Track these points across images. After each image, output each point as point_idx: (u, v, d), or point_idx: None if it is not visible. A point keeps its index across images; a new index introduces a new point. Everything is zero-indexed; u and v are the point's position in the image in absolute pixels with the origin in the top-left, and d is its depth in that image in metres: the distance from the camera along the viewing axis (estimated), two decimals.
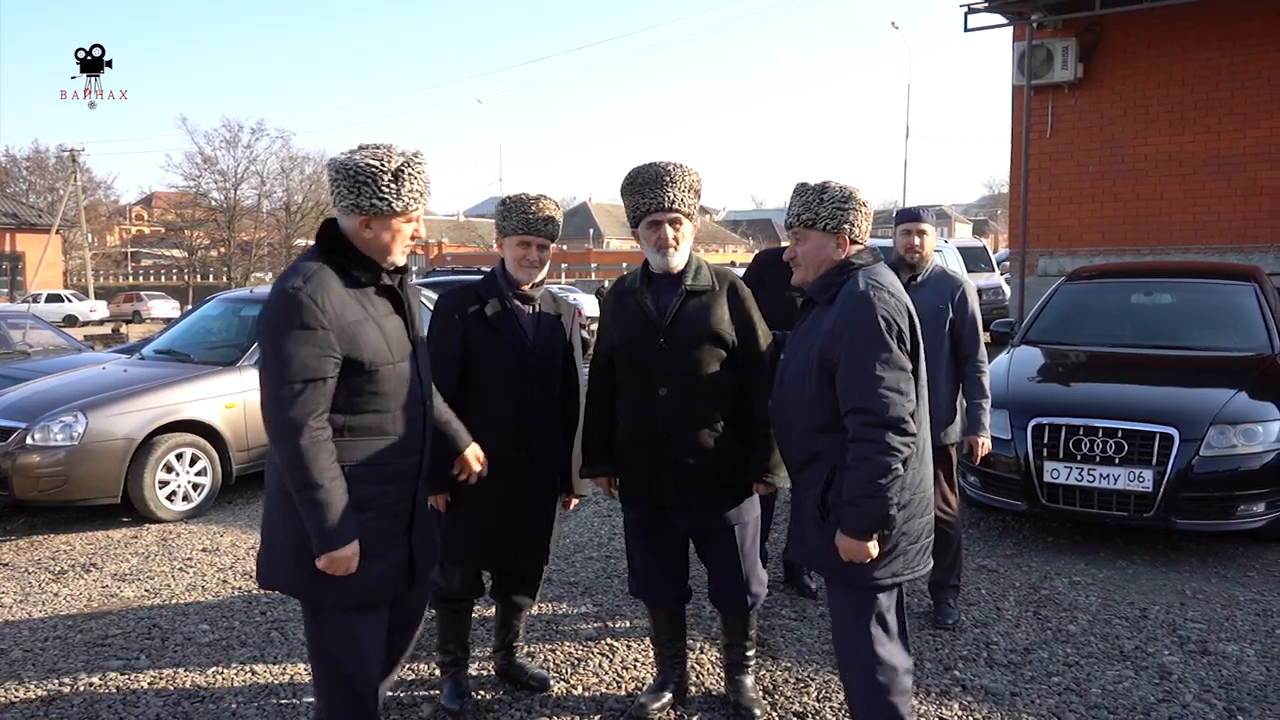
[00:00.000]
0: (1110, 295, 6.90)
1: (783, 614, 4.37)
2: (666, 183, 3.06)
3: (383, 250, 2.53)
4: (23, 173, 56.30)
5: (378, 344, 2.49)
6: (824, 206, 2.74)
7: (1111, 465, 5.03)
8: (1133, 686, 3.61)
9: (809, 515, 2.71)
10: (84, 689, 3.70)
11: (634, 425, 3.19)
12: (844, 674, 2.75)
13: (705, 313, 3.12)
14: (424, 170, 2.52)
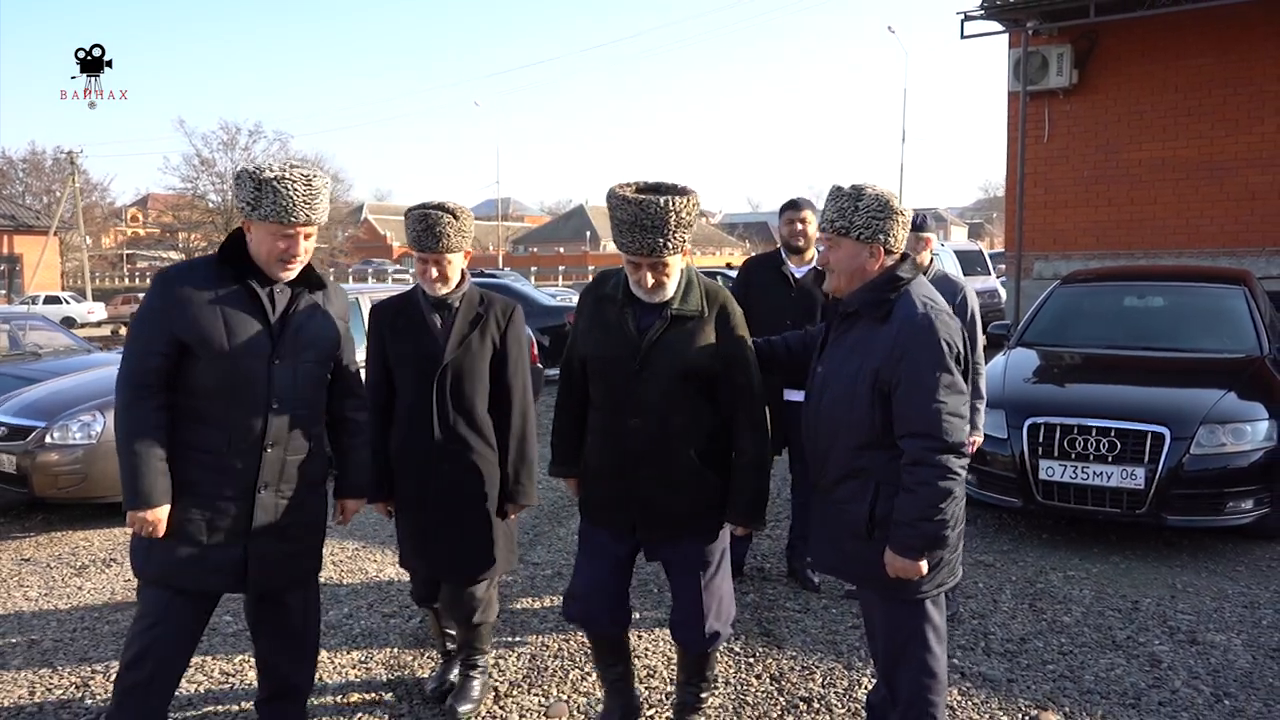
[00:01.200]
0: (1104, 298, 7.06)
1: (787, 606, 4.52)
2: (649, 229, 2.71)
3: (259, 255, 2.69)
4: (19, 174, 56.33)
5: (213, 334, 2.61)
6: (859, 215, 2.66)
7: (1105, 463, 5.18)
8: (1124, 674, 3.76)
9: (847, 528, 2.70)
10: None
11: (600, 449, 3.01)
12: (891, 673, 2.76)
13: (688, 341, 2.85)
14: (292, 188, 2.60)
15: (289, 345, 2.70)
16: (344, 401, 2.95)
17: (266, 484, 2.70)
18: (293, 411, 2.72)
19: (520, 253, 69.05)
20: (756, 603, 4.56)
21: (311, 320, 2.77)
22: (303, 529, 2.83)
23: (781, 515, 5.72)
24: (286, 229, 2.65)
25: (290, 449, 2.74)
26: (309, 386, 2.77)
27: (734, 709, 3.50)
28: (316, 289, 2.82)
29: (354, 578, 5.06)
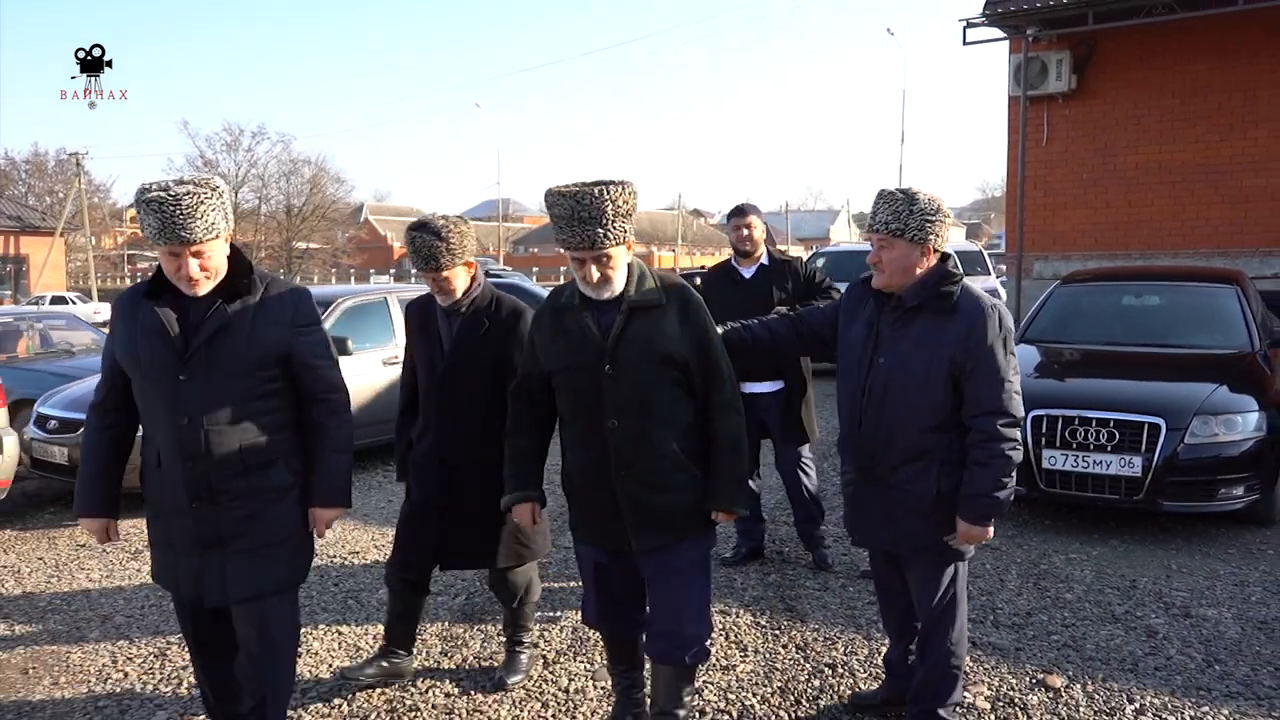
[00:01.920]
0: (1102, 297, 7.38)
1: (807, 585, 4.83)
2: (587, 220, 2.70)
3: (168, 275, 2.69)
4: (22, 175, 56.62)
5: (131, 354, 2.71)
6: (913, 218, 2.90)
7: (1104, 452, 5.49)
8: (1123, 643, 4.07)
9: (907, 506, 2.99)
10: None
11: (583, 461, 2.92)
12: (932, 627, 3.08)
13: (653, 331, 2.81)
14: (161, 209, 2.52)
15: (199, 359, 2.64)
16: (309, 407, 2.84)
17: (199, 497, 2.67)
18: (208, 426, 2.65)
19: (520, 253, 69.31)
20: (779, 582, 4.87)
21: (230, 331, 2.66)
22: (258, 540, 2.74)
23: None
24: (172, 248, 2.58)
25: (215, 463, 2.66)
26: (228, 399, 2.67)
27: (764, 674, 3.81)
28: (236, 298, 2.70)
29: None
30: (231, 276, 2.70)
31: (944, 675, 3.08)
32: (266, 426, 2.74)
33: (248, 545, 2.73)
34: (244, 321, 2.68)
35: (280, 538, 2.79)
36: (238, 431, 2.68)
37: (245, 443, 2.69)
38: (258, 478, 2.72)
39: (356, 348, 7.49)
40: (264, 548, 2.76)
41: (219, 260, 2.66)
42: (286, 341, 2.73)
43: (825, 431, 7.12)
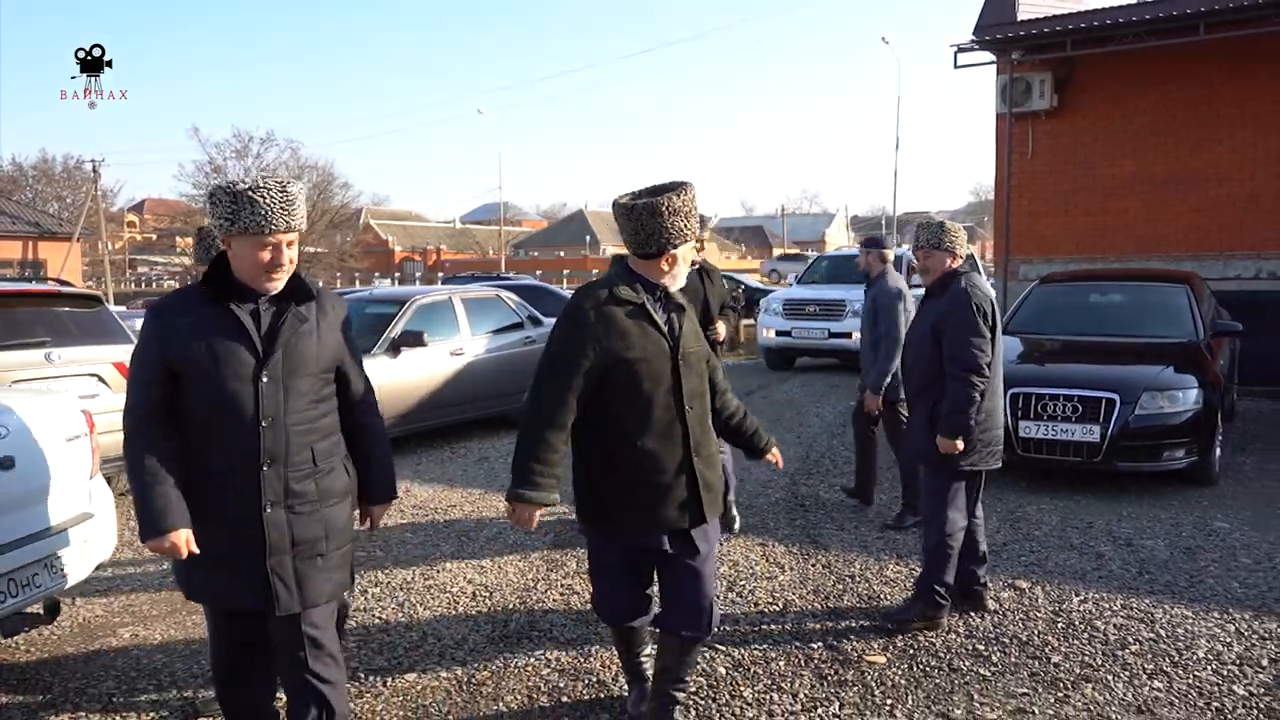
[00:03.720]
0: (1074, 295, 8.57)
1: (827, 526, 5.98)
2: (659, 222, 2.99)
3: (243, 270, 2.67)
4: (29, 181, 57.61)
5: (199, 359, 2.62)
6: (946, 238, 4.38)
7: (1070, 423, 6.65)
8: (1076, 562, 5.22)
9: (918, 428, 4.38)
10: None
11: (661, 449, 3.03)
12: (926, 527, 4.40)
13: (692, 325, 3.17)
14: (269, 196, 2.58)
15: (277, 362, 2.66)
16: (354, 408, 2.89)
17: (272, 502, 2.66)
18: (288, 428, 2.67)
19: (521, 256, 70.42)
20: (804, 524, 6.04)
21: (301, 334, 2.70)
22: (325, 545, 2.76)
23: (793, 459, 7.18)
24: (267, 238, 2.61)
25: (291, 466, 2.68)
26: (303, 401, 2.70)
27: (799, 581, 4.96)
28: (305, 300, 2.74)
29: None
30: (298, 281, 2.75)
31: (940, 558, 4.27)
32: (329, 429, 2.79)
33: (319, 549, 2.74)
34: (314, 326, 2.73)
35: (344, 541, 2.83)
36: (311, 434, 2.73)
37: (316, 445, 2.74)
38: (325, 480, 2.75)
39: (429, 340, 8.62)
40: (334, 551, 2.78)
41: (296, 255, 2.72)
42: (341, 344, 2.82)
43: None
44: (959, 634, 4.24)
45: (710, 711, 3.55)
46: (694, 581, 3.13)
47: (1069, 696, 3.62)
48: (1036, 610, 4.52)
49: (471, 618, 4.58)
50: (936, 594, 4.28)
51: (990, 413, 4.34)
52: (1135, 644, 4.10)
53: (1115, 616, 4.41)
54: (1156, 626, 4.29)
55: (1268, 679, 3.75)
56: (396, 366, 8.34)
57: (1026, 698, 3.62)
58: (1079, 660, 3.95)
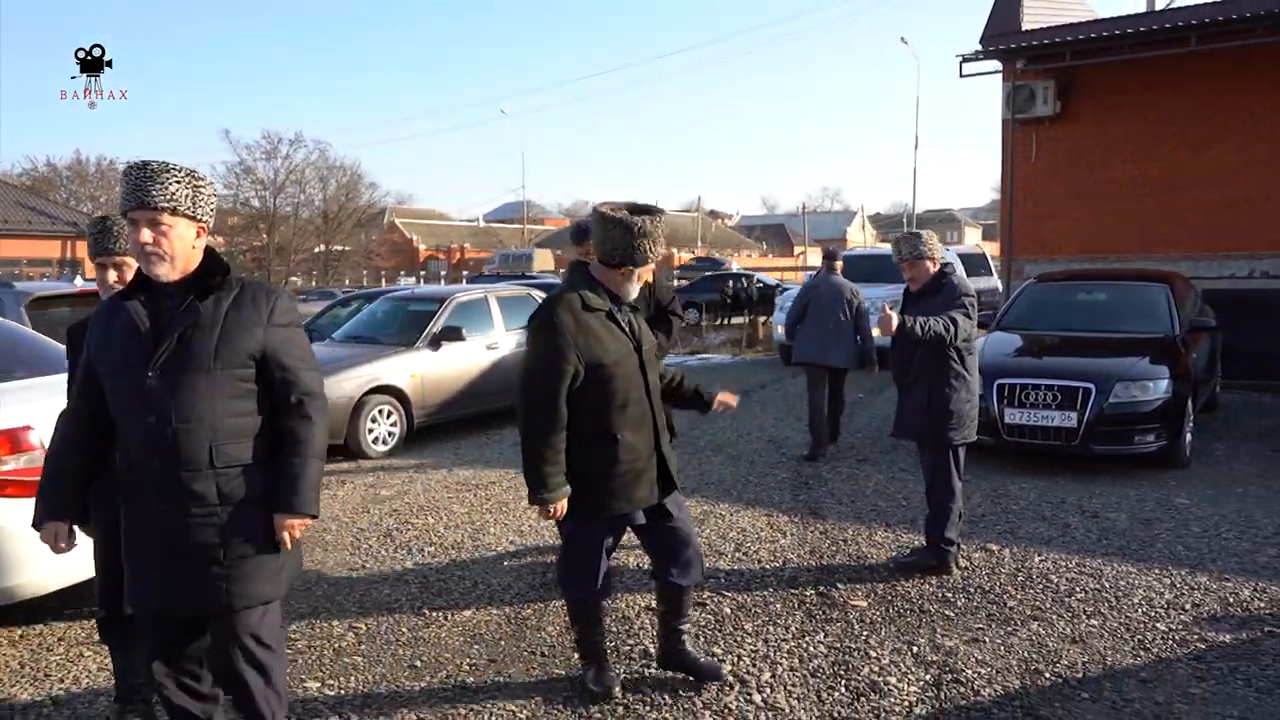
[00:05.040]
0: (1062, 294, 9.25)
1: (827, 500, 6.70)
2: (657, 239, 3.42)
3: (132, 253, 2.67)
4: (63, 181, 59.04)
5: (102, 354, 2.70)
6: (924, 246, 5.10)
7: (1050, 410, 7.33)
8: (1044, 530, 5.92)
9: (913, 411, 5.12)
10: (399, 544, 6.08)
11: (640, 437, 3.45)
12: (929, 493, 5.15)
13: (644, 324, 3.61)
14: (131, 173, 2.58)
15: (166, 357, 2.57)
16: (281, 410, 2.72)
17: (161, 501, 2.59)
18: (177, 425, 2.56)
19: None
20: (806, 499, 6.77)
21: (198, 327, 2.59)
22: (235, 551, 2.64)
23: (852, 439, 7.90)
24: (131, 215, 2.58)
25: (183, 465, 2.57)
26: (198, 399, 2.58)
27: (798, 544, 5.69)
28: (209, 293, 2.64)
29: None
30: (204, 274, 2.66)
31: (943, 516, 5.05)
32: (238, 431, 2.64)
33: (217, 555, 2.62)
34: (216, 318, 2.61)
35: (250, 551, 2.66)
36: (211, 433, 2.60)
37: (218, 445, 2.61)
38: (230, 484, 2.62)
39: (467, 335, 9.41)
40: (235, 559, 2.64)
41: (180, 243, 2.61)
42: (260, 340, 2.66)
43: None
44: (931, 584, 4.96)
45: (716, 640, 4.29)
46: (681, 539, 3.63)
47: (1016, 630, 4.34)
48: (1001, 567, 5.23)
49: (515, 570, 5.34)
50: (944, 548, 5.08)
51: (972, 393, 5.12)
52: (1081, 592, 4.80)
53: (1069, 572, 5.12)
54: (1103, 579, 4.99)
55: (1187, 619, 4.45)
56: (437, 359, 9.15)
57: (981, 630, 4.34)
58: (1031, 605, 4.66)
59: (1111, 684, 3.79)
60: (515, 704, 3.70)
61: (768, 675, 3.90)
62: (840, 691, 3.76)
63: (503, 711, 3.64)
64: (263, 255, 52.84)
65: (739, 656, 4.09)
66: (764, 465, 7.86)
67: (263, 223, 51.84)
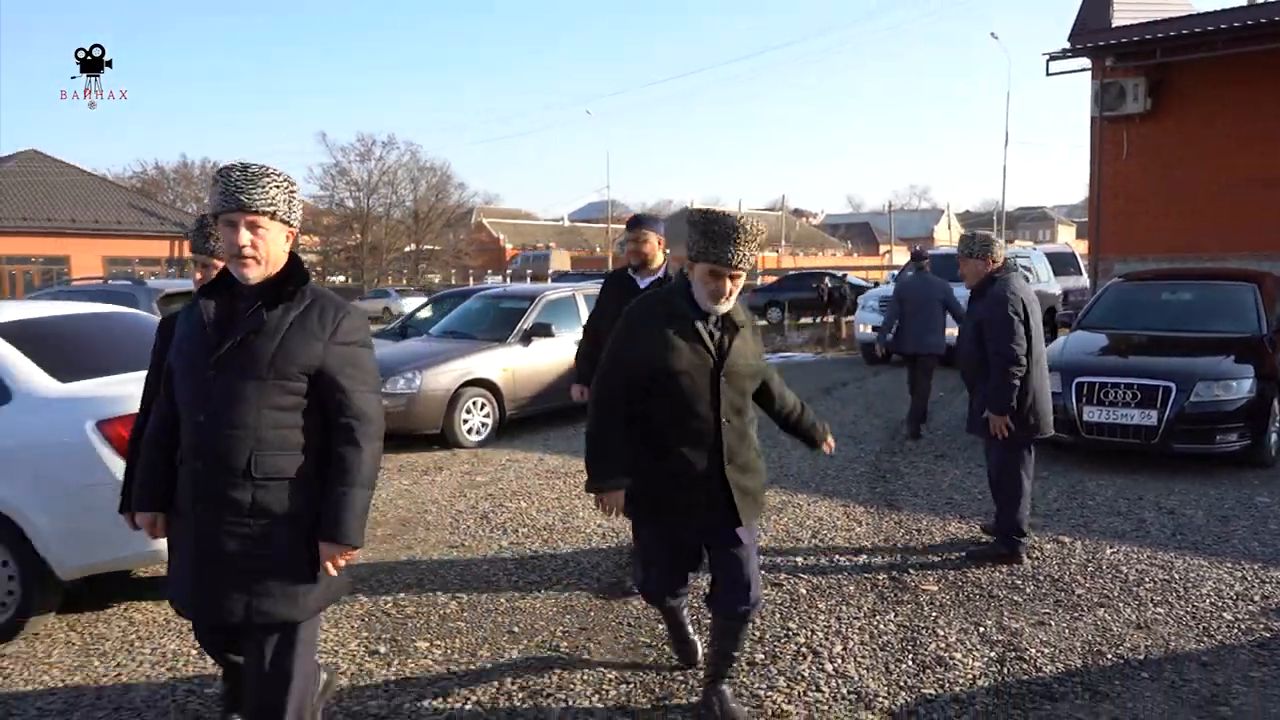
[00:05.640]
0: (1146, 293, 9.23)
1: (902, 493, 6.91)
2: (737, 240, 3.17)
3: (223, 254, 2.69)
4: (170, 183, 61.89)
5: (176, 350, 2.76)
6: (978, 247, 5.38)
7: (1129, 408, 7.39)
8: (1118, 525, 6.03)
9: (978, 410, 5.32)
10: (494, 525, 6.50)
11: (693, 455, 3.31)
12: (996, 490, 5.41)
13: (745, 345, 3.38)
14: (229, 175, 2.58)
15: (228, 357, 2.57)
16: (335, 433, 2.66)
17: (198, 500, 2.61)
18: (222, 428, 2.56)
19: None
20: (882, 491, 6.99)
21: (260, 334, 2.59)
22: (262, 565, 2.61)
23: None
24: (227, 217, 2.58)
25: (221, 468, 2.57)
26: (247, 405, 2.57)
27: (874, 532, 5.92)
28: (280, 301, 2.63)
29: None
30: (282, 281, 2.66)
31: (1012, 510, 5.28)
32: (283, 443, 2.61)
33: (244, 566, 2.60)
34: (279, 326, 2.60)
35: (289, 568, 2.63)
36: (254, 442, 2.58)
37: (259, 455, 2.58)
38: (265, 496, 2.59)
39: (556, 331, 9.84)
40: (261, 573, 2.61)
41: (274, 246, 2.63)
42: (319, 355, 2.62)
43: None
44: (1001, 572, 5.15)
45: (791, 615, 4.57)
46: (736, 567, 3.41)
47: (1082, 615, 4.52)
48: (1072, 558, 5.38)
49: (603, 551, 5.70)
50: (1014, 538, 5.30)
51: (1037, 391, 5.27)
52: (1150, 583, 4.94)
53: (1140, 564, 5.25)
54: (1173, 571, 5.11)
55: (1255, 609, 4.56)
56: (528, 354, 9.60)
57: (1047, 615, 4.53)
58: (1098, 593, 4.82)
59: (1172, 666, 3.96)
60: (604, 667, 4.05)
61: (839, 648, 4.17)
62: (908, 664, 4.01)
63: (593, 673, 3.98)
64: (356, 254, 54.54)
65: (812, 631, 4.36)
66: (842, 460, 8.08)
67: (356, 223, 53.51)
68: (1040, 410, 5.31)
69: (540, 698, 3.77)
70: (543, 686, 3.87)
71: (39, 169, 43.27)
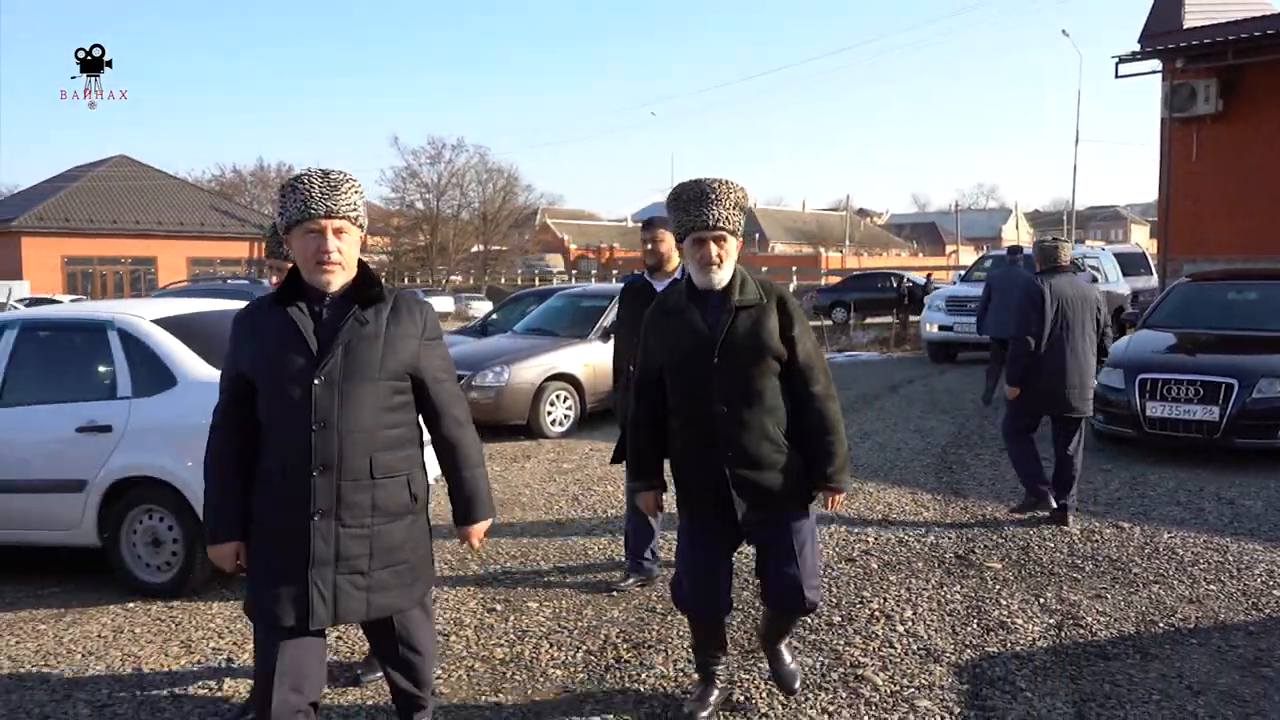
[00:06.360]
0: (1213, 293, 9.45)
1: (968, 482, 7.27)
2: (710, 200, 3.10)
3: (302, 266, 2.67)
4: (247, 186, 64.02)
5: (260, 362, 2.63)
6: (1036, 250, 6.28)
7: (1191, 404, 7.65)
8: (1178, 514, 6.33)
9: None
10: (585, 507, 7.02)
11: (692, 444, 3.25)
12: (1070, 454, 6.11)
13: (756, 327, 3.17)
14: (309, 182, 2.58)
15: (333, 365, 2.59)
16: (439, 422, 2.80)
17: (322, 511, 2.59)
18: (342, 434, 2.59)
19: None
20: (948, 480, 7.36)
21: (363, 337, 2.63)
22: (379, 562, 2.68)
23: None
24: (310, 225, 2.57)
25: (345, 474, 2.60)
26: (364, 408, 2.62)
27: (940, 517, 6.31)
28: (372, 303, 2.68)
29: None
30: (363, 284, 2.69)
31: (1017, 464, 6.07)
32: (396, 441, 2.70)
33: (360, 567, 2.66)
34: (379, 328, 2.65)
35: (411, 560, 2.76)
36: (372, 443, 2.64)
37: (377, 455, 2.65)
38: (383, 494, 2.67)
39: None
40: (378, 571, 2.69)
41: (353, 252, 2.66)
42: (417, 353, 2.72)
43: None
44: (1062, 553, 5.51)
45: (865, 585, 5.00)
46: (778, 564, 3.28)
47: (1138, 591, 4.87)
48: (1131, 541, 5.72)
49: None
50: (1032, 489, 6.14)
51: (1052, 371, 5.98)
52: (1204, 564, 5.27)
53: (1195, 547, 5.57)
54: (1227, 554, 5.42)
55: None
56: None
57: (1105, 589, 4.90)
58: (1154, 572, 5.16)
59: (1220, 634, 4.31)
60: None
61: (910, 613, 4.60)
62: (972, 627, 4.42)
63: (684, 633, 4.45)
64: (425, 255, 55.81)
65: (885, 599, 4.79)
66: (910, 452, 8.45)
67: (426, 224, 54.76)
68: (1046, 390, 6.00)
69: (642, 649, 4.26)
70: (644, 639, 4.37)
71: (127, 173, 45.23)
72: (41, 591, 5.34)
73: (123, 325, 5.25)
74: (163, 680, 4.11)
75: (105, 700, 3.93)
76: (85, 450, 5.06)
